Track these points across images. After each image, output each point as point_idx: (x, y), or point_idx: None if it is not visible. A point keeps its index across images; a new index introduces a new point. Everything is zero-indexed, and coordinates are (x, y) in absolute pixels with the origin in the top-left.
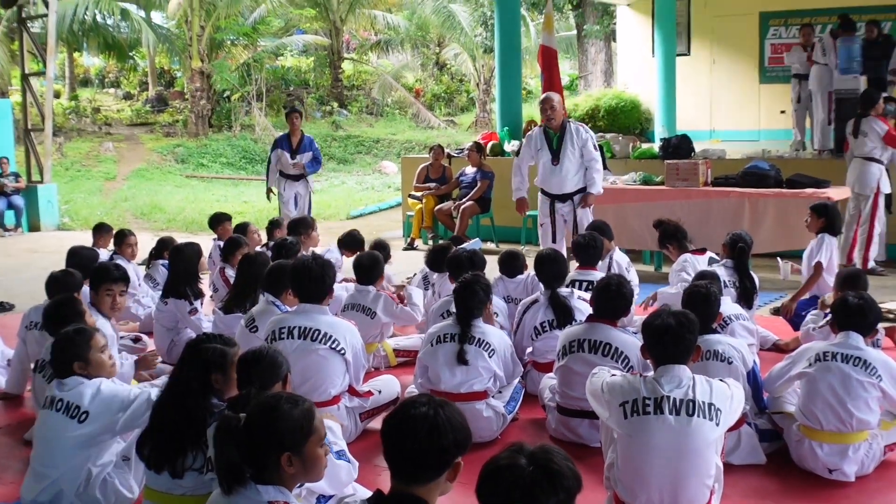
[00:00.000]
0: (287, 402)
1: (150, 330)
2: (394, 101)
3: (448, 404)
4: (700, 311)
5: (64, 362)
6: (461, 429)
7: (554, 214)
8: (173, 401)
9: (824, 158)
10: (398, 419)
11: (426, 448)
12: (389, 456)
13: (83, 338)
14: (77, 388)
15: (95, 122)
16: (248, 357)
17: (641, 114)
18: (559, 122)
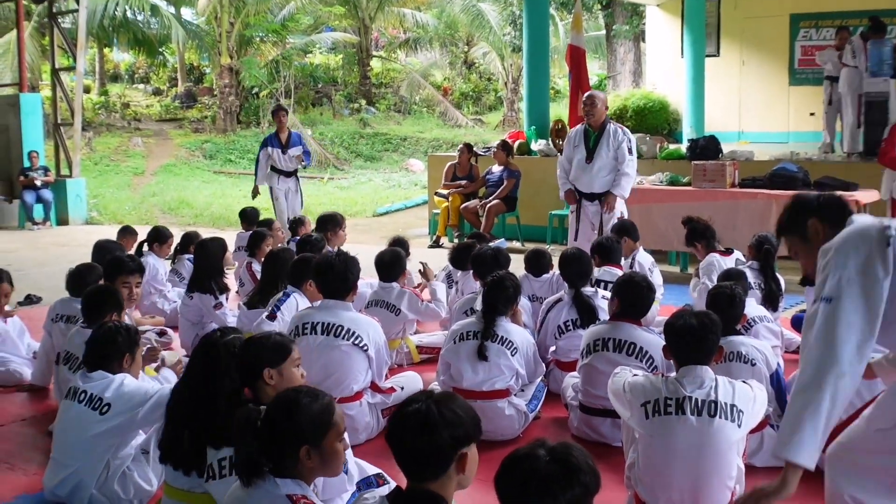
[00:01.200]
0: (307, 396)
1: (176, 324)
2: (422, 99)
3: (446, 399)
4: (724, 313)
5: (105, 356)
6: (458, 423)
7: (580, 213)
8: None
9: (853, 161)
10: (395, 418)
11: (421, 445)
12: (394, 455)
13: (135, 334)
14: (101, 381)
15: (124, 118)
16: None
17: (669, 114)
18: (598, 120)
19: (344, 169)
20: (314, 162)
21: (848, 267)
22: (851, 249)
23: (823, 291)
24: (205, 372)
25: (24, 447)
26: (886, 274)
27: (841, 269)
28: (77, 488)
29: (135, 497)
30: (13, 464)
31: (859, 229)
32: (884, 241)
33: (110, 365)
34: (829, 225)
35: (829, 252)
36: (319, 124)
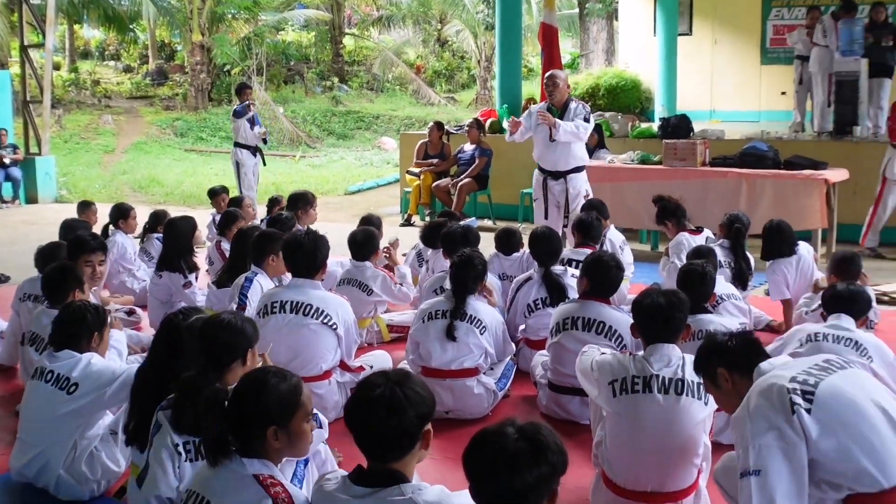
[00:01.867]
0: (275, 377)
1: (145, 303)
2: (394, 77)
3: (404, 378)
4: (695, 290)
5: (73, 335)
6: (421, 402)
7: (546, 191)
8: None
9: (823, 140)
10: (357, 403)
11: (388, 430)
12: (357, 440)
13: (103, 313)
14: (68, 360)
15: (95, 95)
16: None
17: (642, 93)
18: (561, 99)
19: (316, 147)
20: (287, 140)
21: (766, 435)
22: (762, 418)
23: (749, 464)
24: (167, 353)
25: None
26: (800, 439)
27: (759, 438)
28: (44, 469)
29: (102, 477)
30: None
31: (766, 393)
32: (789, 409)
33: (78, 344)
34: (738, 374)
35: (744, 422)
36: (291, 102)
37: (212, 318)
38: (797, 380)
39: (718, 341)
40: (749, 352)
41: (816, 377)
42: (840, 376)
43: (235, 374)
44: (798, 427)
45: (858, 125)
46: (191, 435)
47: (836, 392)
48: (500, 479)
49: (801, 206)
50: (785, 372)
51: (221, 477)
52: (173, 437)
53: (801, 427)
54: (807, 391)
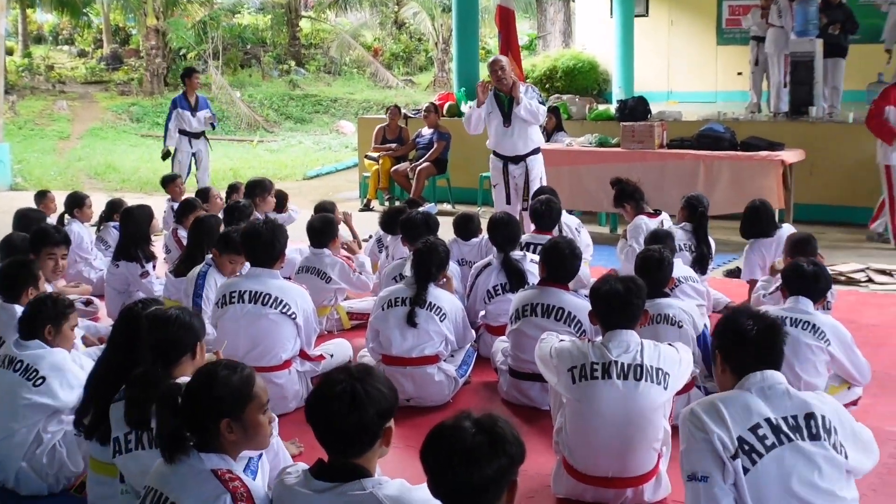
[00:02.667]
0: (225, 369)
1: (102, 293)
2: (352, 60)
3: (366, 375)
4: (653, 276)
5: (35, 326)
6: (382, 399)
7: (507, 177)
8: (110, 370)
9: (779, 121)
10: (317, 399)
11: (348, 427)
12: (317, 436)
13: (61, 306)
14: (37, 351)
15: (49, 80)
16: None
17: (599, 75)
18: (509, 84)
19: (273, 131)
20: (244, 125)
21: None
22: (705, 439)
23: (697, 469)
24: (126, 344)
25: None
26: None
27: (701, 446)
28: (4, 460)
29: (60, 473)
30: None
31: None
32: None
33: (42, 337)
34: (730, 369)
35: (695, 425)
36: (248, 86)
37: (159, 313)
38: (747, 441)
39: (736, 329)
40: (747, 357)
41: (772, 441)
42: (792, 452)
43: (184, 369)
44: (730, 471)
45: (814, 105)
46: (140, 429)
47: (774, 473)
48: (459, 472)
49: (757, 187)
50: (744, 419)
51: (179, 473)
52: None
53: (733, 471)
54: (756, 452)
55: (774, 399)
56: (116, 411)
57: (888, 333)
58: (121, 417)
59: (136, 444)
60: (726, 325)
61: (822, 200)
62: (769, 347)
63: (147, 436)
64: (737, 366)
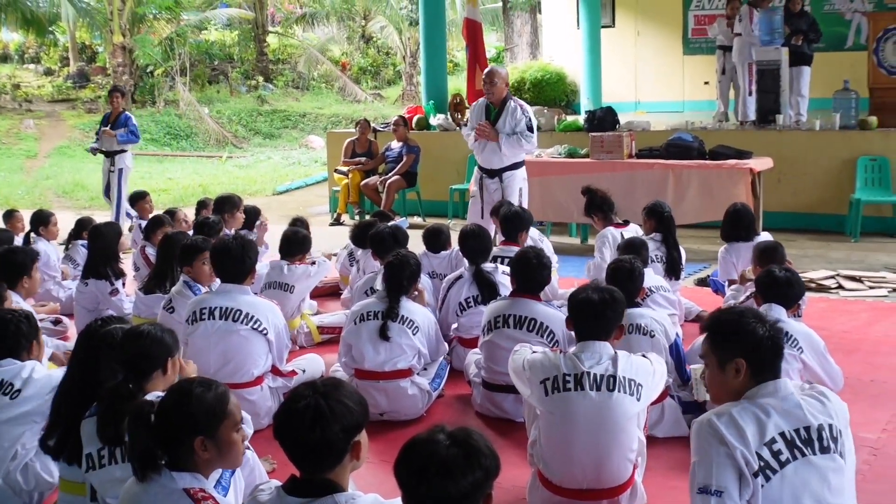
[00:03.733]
0: (199, 386)
1: (71, 312)
2: (320, 74)
3: (332, 390)
4: (624, 286)
5: (13, 347)
6: (347, 414)
7: (482, 190)
8: (76, 388)
9: (747, 129)
10: (282, 415)
11: (314, 442)
12: (285, 451)
13: (31, 323)
14: (11, 367)
15: (15, 99)
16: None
17: (567, 86)
18: (498, 97)
19: (242, 147)
20: (213, 141)
21: (723, 456)
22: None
23: (711, 482)
24: (86, 363)
25: None
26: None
27: (718, 458)
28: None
29: (36, 489)
30: None
31: (740, 432)
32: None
33: (18, 355)
34: (755, 376)
35: (710, 435)
36: (216, 102)
37: (131, 329)
38: (763, 458)
39: (754, 332)
40: (775, 361)
41: (787, 456)
42: (805, 467)
43: (156, 384)
44: (749, 487)
45: (781, 113)
46: (113, 445)
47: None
48: (434, 486)
49: (727, 196)
50: (760, 434)
51: (151, 492)
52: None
53: (752, 488)
54: (770, 468)
55: (787, 411)
56: (88, 426)
57: (859, 339)
58: (93, 433)
59: (108, 460)
60: (738, 327)
61: (791, 208)
62: (779, 355)
63: (120, 451)
64: (758, 371)
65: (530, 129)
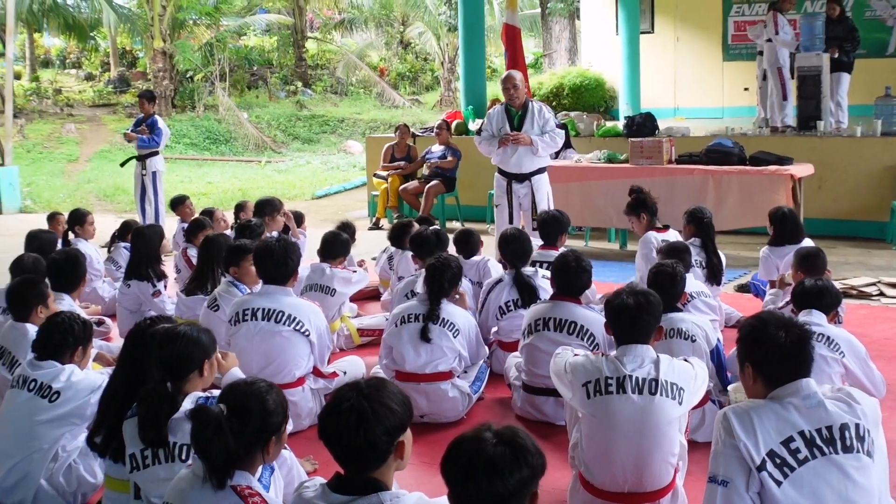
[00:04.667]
0: (266, 385)
1: (114, 313)
2: (358, 80)
3: (375, 392)
4: (666, 290)
5: (58, 346)
6: (390, 415)
7: (511, 195)
8: (124, 387)
9: (788, 135)
10: (326, 417)
11: (358, 445)
12: (330, 451)
13: (89, 329)
14: (51, 370)
15: (57, 104)
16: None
17: (606, 92)
18: (521, 101)
19: (281, 152)
20: (252, 145)
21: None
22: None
23: (719, 472)
24: (134, 363)
25: None
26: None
27: (728, 450)
28: (23, 480)
29: (79, 490)
30: None
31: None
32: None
33: (61, 356)
34: (762, 382)
35: (725, 430)
36: (255, 107)
37: (168, 329)
38: (779, 455)
39: (766, 340)
40: (794, 366)
41: (805, 454)
42: (825, 465)
43: (193, 385)
44: (756, 480)
45: (822, 120)
46: (156, 447)
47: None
48: (481, 484)
49: (767, 202)
50: (776, 431)
51: (197, 489)
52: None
53: (759, 481)
54: (788, 465)
55: (809, 410)
56: (130, 428)
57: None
58: (135, 434)
59: (152, 460)
60: (755, 336)
61: (832, 215)
62: (800, 356)
63: (163, 451)
64: (769, 376)
65: (559, 127)
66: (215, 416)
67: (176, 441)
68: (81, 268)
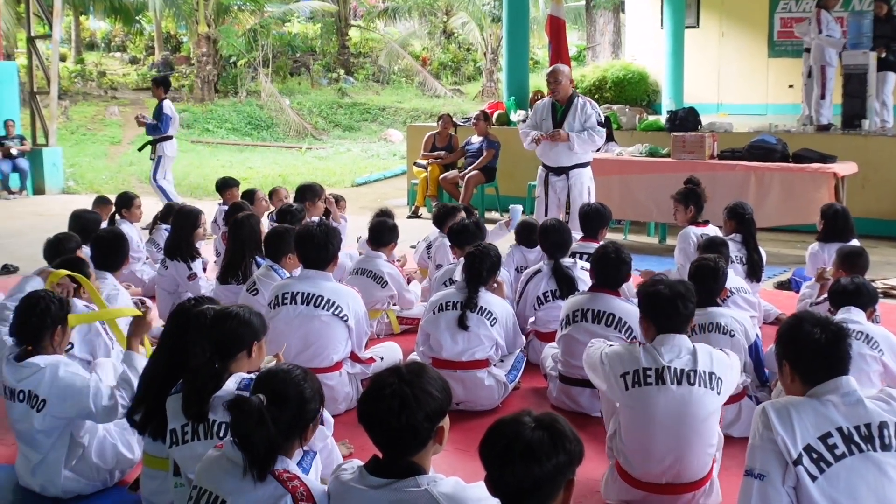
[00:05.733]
0: (302, 374)
1: (153, 294)
2: (400, 69)
3: (416, 378)
4: (707, 284)
5: (37, 328)
6: (431, 401)
7: (547, 188)
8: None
9: (832, 134)
10: (367, 401)
11: (400, 429)
12: (370, 435)
13: (63, 308)
14: (33, 375)
15: (101, 86)
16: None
17: (649, 86)
18: (564, 95)
19: (322, 139)
20: (293, 132)
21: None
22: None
23: (756, 465)
24: (177, 342)
25: (2, 417)
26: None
27: (766, 444)
28: (47, 475)
29: (116, 466)
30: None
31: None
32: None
33: (41, 339)
34: (800, 380)
35: (764, 423)
36: (297, 94)
37: (221, 309)
38: (815, 450)
39: (802, 338)
40: (817, 366)
41: (843, 451)
42: (862, 462)
43: (240, 366)
44: (792, 474)
45: (867, 118)
46: (197, 421)
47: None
48: (518, 468)
49: (809, 200)
50: (814, 427)
51: (234, 474)
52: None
53: (795, 476)
54: (824, 461)
55: (848, 408)
56: (174, 403)
57: None
58: (178, 409)
59: (192, 436)
60: (792, 334)
61: (874, 215)
62: (838, 354)
63: (203, 427)
64: (806, 374)
65: (601, 125)
66: (256, 406)
67: (216, 419)
68: (126, 248)
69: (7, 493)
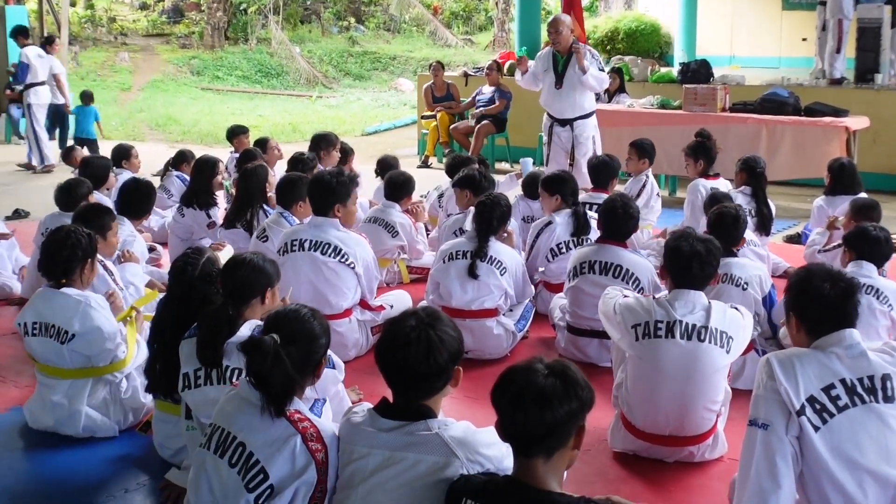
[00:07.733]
0: (310, 312)
1: (165, 241)
2: (411, 17)
3: (435, 321)
4: (728, 233)
5: (67, 262)
6: (452, 342)
7: (551, 138)
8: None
9: (844, 87)
10: (390, 345)
11: (424, 371)
12: (388, 380)
13: (92, 243)
14: (64, 308)
15: (111, 32)
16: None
17: (661, 37)
18: (564, 45)
19: (332, 87)
20: (303, 80)
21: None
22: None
23: (760, 414)
24: (180, 294)
25: (15, 360)
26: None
27: (770, 394)
28: (68, 409)
29: (139, 409)
30: (4, 377)
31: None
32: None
33: (72, 272)
34: (805, 331)
35: (768, 375)
36: (308, 42)
37: (234, 256)
38: (818, 401)
39: (811, 291)
40: (824, 320)
41: (846, 402)
42: (865, 413)
43: (254, 312)
44: (795, 424)
45: (880, 73)
46: (210, 366)
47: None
48: (531, 413)
49: (820, 154)
50: (818, 378)
51: (247, 413)
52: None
53: (798, 426)
54: (827, 411)
55: (852, 360)
56: (187, 347)
57: None
58: (191, 353)
59: (205, 380)
60: (801, 286)
61: (885, 169)
62: (846, 308)
63: (217, 372)
64: (813, 326)
65: (600, 69)
66: (271, 345)
67: (229, 365)
68: (152, 201)
69: (19, 435)
